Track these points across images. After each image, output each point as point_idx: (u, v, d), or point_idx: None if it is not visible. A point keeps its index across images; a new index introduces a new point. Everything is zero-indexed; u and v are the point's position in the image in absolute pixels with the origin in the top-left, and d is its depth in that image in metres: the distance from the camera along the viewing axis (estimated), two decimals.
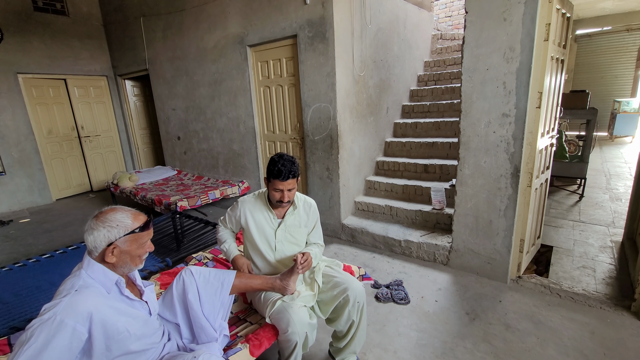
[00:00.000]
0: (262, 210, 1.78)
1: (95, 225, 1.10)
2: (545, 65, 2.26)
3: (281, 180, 1.62)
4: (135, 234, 1.15)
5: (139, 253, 1.18)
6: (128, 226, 1.13)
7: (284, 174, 1.61)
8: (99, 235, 1.09)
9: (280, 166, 1.62)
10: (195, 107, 4.79)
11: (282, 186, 1.64)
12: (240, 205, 1.81)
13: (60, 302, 1.00)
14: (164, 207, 3.81)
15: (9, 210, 5.12)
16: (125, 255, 1.14)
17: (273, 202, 1.73)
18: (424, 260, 3.02)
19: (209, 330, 1.42)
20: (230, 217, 1.87)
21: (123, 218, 1.13)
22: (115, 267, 1.14)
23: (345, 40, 3.25)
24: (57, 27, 5.39)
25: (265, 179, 1.72)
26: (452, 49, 5.21)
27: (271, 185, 1.67)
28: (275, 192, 1.67)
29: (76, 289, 1.05)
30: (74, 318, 0.99)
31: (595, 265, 2.77)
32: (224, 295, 1.49)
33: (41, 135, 5.41)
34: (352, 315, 1.69)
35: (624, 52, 8.00)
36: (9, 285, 2.39)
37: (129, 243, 1.14)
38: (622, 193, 4.34)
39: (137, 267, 1.21)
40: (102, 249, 1.10)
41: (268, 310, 1.58)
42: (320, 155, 3.53)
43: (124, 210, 1.17)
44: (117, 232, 1.11)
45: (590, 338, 2.00)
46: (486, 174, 2.52)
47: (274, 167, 1.63)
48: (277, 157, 1.66)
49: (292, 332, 1.48)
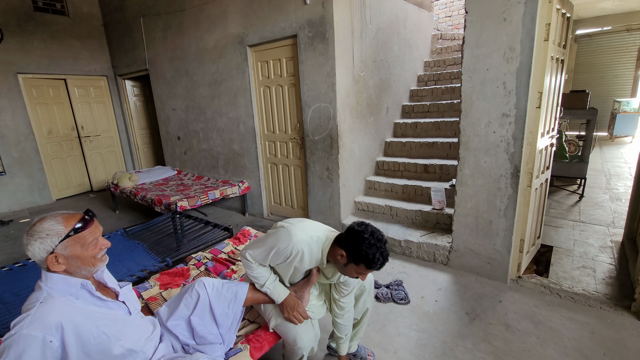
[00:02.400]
0: (315, 264, 1.50)
1: (27, 240, 1.04)
2: (545, 65, 2.26)
3: (370, 269, 1.35)
4: (74, 237, 1.07)
5: (90, 254, 1.11)
6: (60, 232, 1.06)
7: (381, 264, 1.33)
8: (34, 248, 1.03)
9: (380, 255, 1.31)
10: (195, 107, 4.79)
11: (369, 272, 1.40)
12: (294, 246, 1.40)
13: (27, 316, 0.98)
14: (164, 207, 3.81)
15: (9, 210, 5.12)
16: (74, 259, 1.08)
17: (343, 272, 1.43)
18: (424, 260, 3.02)
19: (215, 337, 1.42)
20: (277, 254, 1.43)
21: (52, 225, 1.06)
22: (70, 274, 1.09)
23: (345, 40, 3.25)
24: (57, 27, 5.39)
25: (345, 253, 1.36)
26: (452, 49, 5.21)
27: (354, 267, 1.36)
28: (359, 274, 1.39)
29: (41, 301, 1.02)
30: (42, 329, 0.96)
31: (595, 265, 2.77)
32: (237, 306, 1.48)
33: (41, 135, 5.40)
34: (367, 303, 1.76)
35: (624, 52, 7.99)
36: (9, 285, 2.39)
37: (71, 247, 1.07)
38: (622, 193, 4.34)
39: (97, 267, 1.15)
40: (46, 260, 1.05)
41: (272, 321, 1.56)
42: (320, 155, 3.53)
43: (52, 216, 1.09)
44: (50, 241, 1.04)
45: (590, 338, 2.00)
46: (486, 174, 2.52)
47: (370, 252, 1.30)
48: (373, 239, 1.31)
49: (300, 346, 1.48)
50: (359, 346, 1.90)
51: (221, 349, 1.43)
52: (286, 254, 1.41)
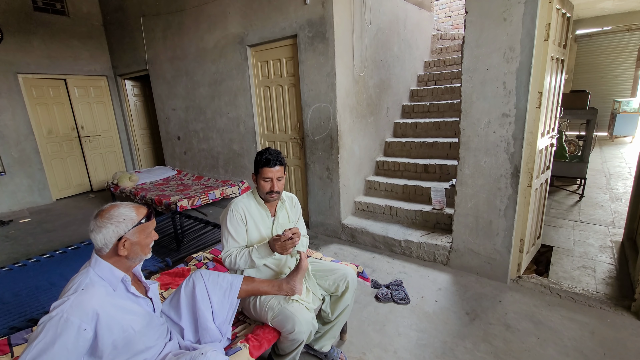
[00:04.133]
0: (257, 208, 1.76)
1: (101, 223, 1.11)
2: (545, 65, 2.26)
3: (270, 167, 1.64)
4: (142, 225, 1.18)
5: (147, 242, 1.22)
6: (134, 218, 1.16)
7: (272, 161, 1.64)
8: (108, 232, 1.11)
9: (268, 155, 1.65)
10: (195, 107, 4.79)
11: (272, 174, 1.65)
12: (234, 207, 1.70)
13: (67, 300, 1.02)
14: (164, 207, 3.81)
15: (9, 210, 5.12)
16: (136, 246, 1.17)
17: (263, 194, 1.71)
18: (424, 260, 3.02)
19: (214, 332, 1.43)
20: (236, 227, 1.68)
21: (127, 212, 1.16)
22: (127, 259, 1.17)
23: (345, 40, 3.25)
24: (57, 27, 5.39)
25: (254, 175, 1.74)
26: (452, 49, 5.21)
27: (260, 176, 1.67)
28: (265, 182, 1.67)
29: (83, 287, 1.07)
30: (80, 316, 1.01)
31: (595, 265, 2.77)
32: (232, 296, 1.50)
33: (41, 135, 5.41)
34: (348, 299, 1.80)
35: (624, 52, 8.00)
36: (9, 285, 2.39)
37: (138, 234, 1.17)
38: (622, 193, 4.34)
39: (147, 256, 1.24)
40: (113, 244, 1.13)
41: (270, 315, 1.57)
42: (320, 155, 3.53)
43: (124, 205, 1.19)
44: (125, 226, 1.13)
45: (590, 338, 2.00)
46: (486, 174, 2.52)
47: (261, 157, 1.67)
48: (263, 150, 1.71)
49: (299, 331, 1.49)
50: (332, 347, 1.90)
51: (220, 346, 1.46)
52: (236, 217, 1.68)
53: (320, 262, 1.90)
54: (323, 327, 1.85)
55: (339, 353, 1.90)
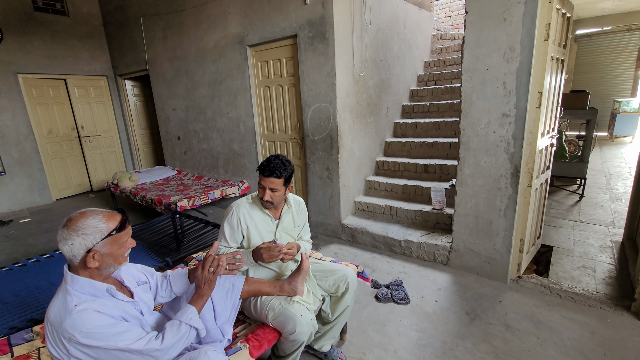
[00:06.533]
0: (260, 211, 1.75)
1: (67, 235, 1.03)
2: (545, 65, 2.26)
3: (263, 176, 1.63)
4: (113, 236, 1.09)
5: (121, 252, 1.14)
6: (103, 230, 1.07)
7: (265, 170, 1.62)
8: (75, 244, 1.03)
9: (266, 162, 1.63)
10: (195, 107, 4.79)
11: (264, 183, 1.64)
12: (236, 210, 1.71)
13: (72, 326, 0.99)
14: (164, 207, 3.81)
15: (9, 210, 5.12)
16: (108, 257, 1.09)
17: (263, 204, 1.71)
18: (424, 260, 3.02)
19: (215, 332, 1.43)
20: (232, 229, 1.71)
21: (95, 223, 1.07)
22: (99, 270, 1.11)
23: (345, 40, 3.25)
24: (57, 27, 5.39)
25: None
26: (452, 49, 5.21)
27: (260, 183, 1.66)
28: (260, 188, 1.67)
29: (75, 304, 1.02)
30: (87, 338, 1.01)
31: (595, 265, 2.77)
32: (234, 297, 1.50)
33: (41, 135, 5.40)
34: (348, 300, 1.80)
35: (624, 52, 8.00)
36: (9, 285, 2.39)
37: (109, 246, 1.09)
38: (622, 193, 4.34)
39: (122, 265, 1.18)
40: (81, 257, 1.05)
41: (270, 316, 1.57)
42: (320, 155, 3.53)
43: (94, 213, 1.10)
44: (93, 238, 1.05)
45: (590, 338, 2.00)
46: (486, 174, 2.52)
47: (261, 162, 1.66)
48: (272, 156, 1.67)
49: (300, 332, 1.49)
50: (332, 347, 1.90)
51: (221, 346, 1.45)
52: (234, 220, 1.68)
53: (321, 263, 1.90)
54: (323, 327, 1.85)
55: (339, 353, 1.90)
